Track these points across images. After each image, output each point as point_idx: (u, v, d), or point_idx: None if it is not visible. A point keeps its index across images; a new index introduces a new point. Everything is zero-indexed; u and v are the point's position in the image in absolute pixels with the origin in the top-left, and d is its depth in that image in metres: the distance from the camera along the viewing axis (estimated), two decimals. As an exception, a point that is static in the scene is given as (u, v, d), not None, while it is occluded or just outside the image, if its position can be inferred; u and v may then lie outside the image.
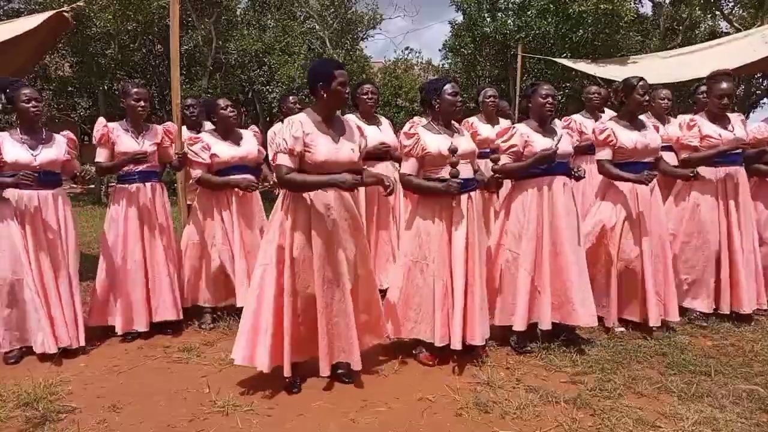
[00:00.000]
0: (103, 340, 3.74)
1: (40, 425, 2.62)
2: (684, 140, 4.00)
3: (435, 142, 3.22)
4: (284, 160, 2.84)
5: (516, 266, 3.44)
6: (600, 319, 3.66)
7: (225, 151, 3.89)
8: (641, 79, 3.71)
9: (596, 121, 4.82)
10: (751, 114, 17.62)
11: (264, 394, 2.94)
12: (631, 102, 3.72)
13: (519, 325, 3.38)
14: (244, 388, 2.99)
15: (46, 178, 3.43)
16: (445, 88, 3.28)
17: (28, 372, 3.23)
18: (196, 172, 3.88)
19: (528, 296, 3.39)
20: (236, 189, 3.90)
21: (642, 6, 14.46)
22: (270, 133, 2.97)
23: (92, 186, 14.28)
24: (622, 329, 3.78)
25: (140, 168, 3.77)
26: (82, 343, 3.49)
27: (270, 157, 3.05)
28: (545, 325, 3.38)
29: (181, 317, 3.88)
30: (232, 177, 3.87)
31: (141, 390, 3.02)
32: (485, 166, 4.37)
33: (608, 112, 5.06)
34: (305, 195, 2.89)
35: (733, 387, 2.96)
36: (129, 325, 3.73)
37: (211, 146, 3.86)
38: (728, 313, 3.98)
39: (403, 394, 2.96)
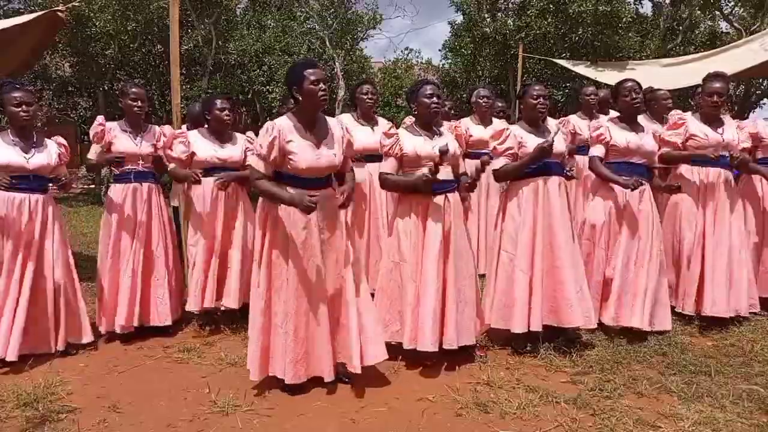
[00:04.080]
0: (103, 340, 3.74)
1: (40, 425, 2.62)
2: (665, 136, 4.00)
3: (412, 143, 3.22)
4: (257, 164, 2.86)
5: (512, 267, 3.42)
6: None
7: (205, 151, 3.86)
8: (628, 80, 3.74)
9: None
10: (751, 114, 17.62)
11: (264, 394, 2.95)
12: (620, 104, 3.77)
13: (518, 328, 3.36)
14: (244, 388, 2.99)
15: (37, 182, 3.40)
16: (420, 90, 3.27)
17: (27, 372, 3.23)
18: (171, 166, 3.89)
19: (526, 297, 3.37)
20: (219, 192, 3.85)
21: (642, 6, 14.46)
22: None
23: (92, 186, 14.28)
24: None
25: (137, 168, 3.77)
26: (13, 357, 3.29)
27: None
28: (536, 326, 3.36)
29: (176, 318, 3.86)
30: (187, 171, 3.81)
31: (141, 390, 3.02)
32: (475, 166, 4.40)
33: (612, 114, 5.05)
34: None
35: (733, 387, 2.97)
36: (111, 324, 3.69)
37: (192, 144, 3.85)
38: (692, 314, 3.93)
39: (403, 394, 2.96)
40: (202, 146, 3.87)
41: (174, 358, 3.48)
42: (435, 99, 3.25)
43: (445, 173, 3.25)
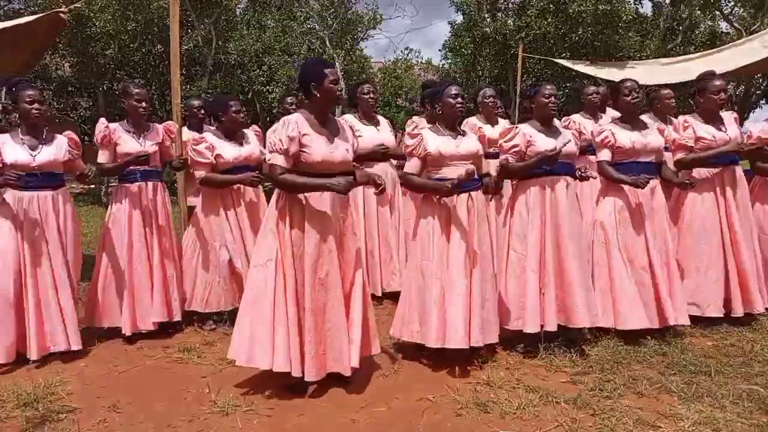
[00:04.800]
0: (103, 340, 3.74)
1: (40, 425, 2.62)
2: (680, 141, 3.98)
3: (435, 143, 3.25)
4: (278, 160, 2.83)
5: (522, 267, 3.43)
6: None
7: (229, 151, 3.86)
8: (627, 79, 3.77)
9: (596, 121, 4.82)
10: (751, 114, 17.62)
11: (264, 394, 2.94)
12: (620, 104, 3.79)
13: (531, 328, 3.35)
14: (244, 388, 2.99)
15: (44, 179, 3.42)
16: (446, 90, 3.31)
17: (27, 372, 3.23)
18: (200, 173, 3.81)
19: (539, 298, 3.38)
20: (241, 188, 3.89)
21: (642, 6, 14.48)
22: (269, 133, 2.99)
23: (92, 186, 14.28)
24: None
25: (142, 167, 3.76)
26: (78, 346, 3.42)
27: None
28: (551, 326, 3.37)
29: (180, 318, 3.88)
30: (235, 175, 3.83)
31: (141, 390, 3.02)
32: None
33: (610, 112, 5.05)
34: (300, 195, 2.88)
35: (733, 387, 2.96)
36: (136, 325, 3.71)
37: (215, 147, 3.82)
38: (741, 315, 3.87)
39: (403, 394, 2.96)
40: (227, 148, 3.86)
41: (174, 358, 3.48)
42: (460, 99, 3.29)
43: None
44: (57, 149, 3.51)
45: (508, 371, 3.22)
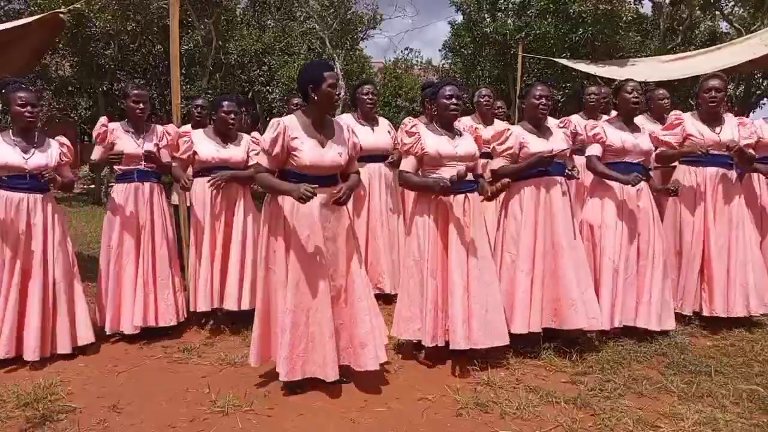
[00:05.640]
0: (103, 340, 3.73)
1: (40, 425, 2.62)
2: (661, 136, 3.99)
3: (434, 143, 3.24)
4: (260, 158, 2.91)
5: (514, 269, 3.43)
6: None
7: (207, 151, 3.87)
8: (630, 79, 3.78)
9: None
10: (751, 114, 17.61)
11: (264, 394, 2.95)
12: (620, 102, 3.79)
13: (518, 329, 3.36)
14: (244, 388, 2.99)
15: (35, 182, 3.37)
16: (440, 90, 3.30)
17: (28, 372, 3.23)
18: (174, 164, 3.91)
19: (528, 299, 3.38)
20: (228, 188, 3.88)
21: (642, 6, 14.43)
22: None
23: (92, 186, 14.29)
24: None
25: (140, 167, 3.76)
26: (31, 357, 3.31)
27: None
28: (534, 327, 3.37)
29: (182, 319, 3.87)
30: (181, 173, 3.81)
31: (141, 390, 3.02)
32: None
33: (613, 114, 5.05)
34: (288, 197, 2.86)
35: (733, 387, 2.97)
36: (116, 324, 3.69)
37: (195, 144, 3.88)
38: (708, 315, 3.91)
39: (403, 394, 2.96)
40: (205, 146, 3.89)
41: (174, 358, 3.48)
42: (454, 100, 3.27)
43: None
44: (49, 154, 3.47)
45: (508, 371, 3.22)
